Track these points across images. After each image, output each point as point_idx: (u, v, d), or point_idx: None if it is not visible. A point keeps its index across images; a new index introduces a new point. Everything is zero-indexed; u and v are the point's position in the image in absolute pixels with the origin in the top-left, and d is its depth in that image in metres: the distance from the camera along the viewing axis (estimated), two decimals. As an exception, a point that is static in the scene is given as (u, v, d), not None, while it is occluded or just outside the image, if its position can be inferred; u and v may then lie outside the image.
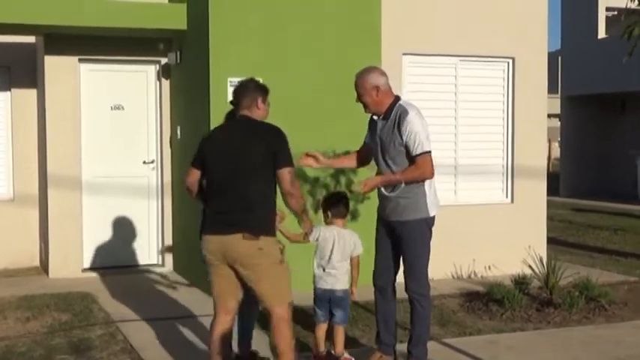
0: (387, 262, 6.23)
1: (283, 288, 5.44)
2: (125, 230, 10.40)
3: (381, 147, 6.07)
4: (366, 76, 6.04)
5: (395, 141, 5.95)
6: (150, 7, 9.64)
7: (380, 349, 6.34)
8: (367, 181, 5.97)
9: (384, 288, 6.26)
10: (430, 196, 6.07)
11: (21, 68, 10.89)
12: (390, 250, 6.21)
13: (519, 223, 10.25)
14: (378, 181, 5.97)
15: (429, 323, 6.25)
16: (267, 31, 9.00)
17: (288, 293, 5.45)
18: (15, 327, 7.63)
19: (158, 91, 10.61)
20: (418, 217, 6.02)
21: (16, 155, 10.93)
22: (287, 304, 5.44)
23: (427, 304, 6.15)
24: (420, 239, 6.08)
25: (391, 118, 6.02)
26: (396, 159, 5.99)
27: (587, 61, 23.24)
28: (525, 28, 10.27)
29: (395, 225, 6.07)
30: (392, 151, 5.99)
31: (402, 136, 5.90)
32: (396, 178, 5.93)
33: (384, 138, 6.04)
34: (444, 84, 10.05)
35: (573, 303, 8.04)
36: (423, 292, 6.11)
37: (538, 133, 10.46)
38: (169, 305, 8.43)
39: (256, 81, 5.79)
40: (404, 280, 6.13)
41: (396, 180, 5.93)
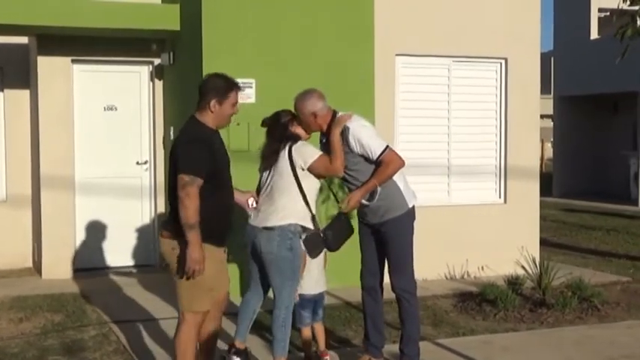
0: (373, 263, 6.25)
1: (181, 295, 5.35)
2: (118, 231, 10.39)
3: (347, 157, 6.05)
4: (304, 102, 6.04)
5: (348, 156, 5.96)
6: (143, 7, 9.63)
7: (368, 351, 6.35)
8: (350, 197, 5.98)
9: (372, 288, 6.27)
10: (404, 189, 6.11)
11: (14, 69, 10.86)
12: (374, 251, 6.23)
13: (512, 223, 10.27)
14: (359, 194, 5.95)
15: (418, 321, 6.28)
16: (260, 32, 9.00)
17: (184, 302, 5.35)
18: (8, 328, 7.62)
19: (151, 92, 10.60)
20: (399, 214, 6.05)
21: (9, 156, 10.90)
22: (184, 312, 5.38)
23: (415, 301, 6.16)
24: (404, 236, 6.11)
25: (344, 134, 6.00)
26: (359, 171, 6.02)
27: (579, 62, 23.28)
28: (518, 28, 10.29)
29: (378, 226, 6.09)
30: (351, 165, 6.01)
31: (352, 151, 5.94)
32: (373, 183, 5.93)
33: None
34: (437, 84, 10.06)
35: (566, 303, 8.06)
36: (410, 290, 6.13)
37: (531, 134, 10.48)
38: (162, 306, 8.42)
39: (219, 79, 5.49)
40: (389, 279, 6.13)
41: (373, 186, 5.94)
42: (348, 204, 5.95)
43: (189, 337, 5.38)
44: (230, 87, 5.45)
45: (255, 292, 6.20)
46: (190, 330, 5.38)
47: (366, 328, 6.36)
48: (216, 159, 5.34)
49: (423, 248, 9.69)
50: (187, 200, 5.08)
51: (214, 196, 5.26)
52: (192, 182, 5.10)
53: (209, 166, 5.21)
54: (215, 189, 5.28)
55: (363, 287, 6.32)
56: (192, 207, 5.07)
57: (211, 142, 5.34)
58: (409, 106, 9.89)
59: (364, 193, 5.95)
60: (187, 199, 5.08)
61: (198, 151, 5.20)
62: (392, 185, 6.02)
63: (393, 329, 7.43)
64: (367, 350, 6.35)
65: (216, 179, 5.29)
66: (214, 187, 5.26)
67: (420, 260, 9.62)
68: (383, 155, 5.93)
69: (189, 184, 5.09)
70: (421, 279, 9.61)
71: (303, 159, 5.87)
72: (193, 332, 5.39)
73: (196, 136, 5.32)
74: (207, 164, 5.20)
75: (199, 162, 5.17)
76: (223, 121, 5.48)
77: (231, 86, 5.46)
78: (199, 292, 5.27)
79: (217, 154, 5.37)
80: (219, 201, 5.34)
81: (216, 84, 5.44)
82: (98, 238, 10.38)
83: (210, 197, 5.21)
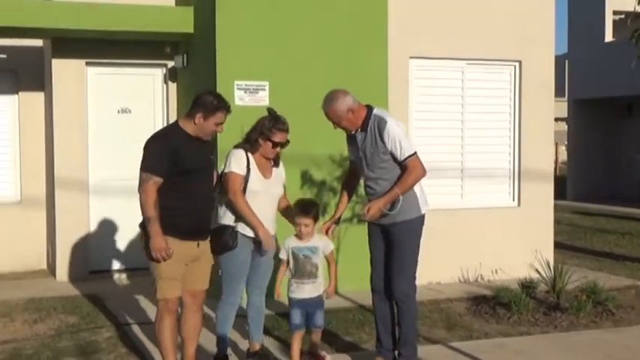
0: (383, 266, 6.25)
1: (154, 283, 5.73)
2: (132, 233, 10.38)
3: (365, 159, 6.09)
4: (336, 104, 6.01)
5: (379, 150, 5.98)
6: (157, 10, 9.66)
7: (381, 354, 6.35)
8: (370, 206, 5.95)
9: (382, 291, 6.27)
10: (420, 194, 6.13)
11: (28, 72, 10.92)
12: (383, 253, 6.24)
13: (526, 226, 10.23)
14: (381, 204, 5.94)
15: (415, 323, 6.28)
16: (273, 35, 9.01)
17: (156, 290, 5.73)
18: (22, 329, 7.65)
19: (165, 94, 10.63)
20: (413, 217, 6.06)
21: (23, 158, 10.96)
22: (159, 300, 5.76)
23: (412, 304, 6.17)
24: (412, 239, 6.11)
25: (369, 129, 6.04)
26: (383, 168, 6.02)
27: (594, 65, 23.20)
28: (532, 31, 10.26)
29: (389, 227, 6.09)
30: (377, 161, 6.02)
31: (385, 145, 5.94)
32: (396, 192, 5.93)
33: (366, 150, 6.07)
34: (450, 87, 10.04)
35: (580, 307, 8.02)
36: (409, 293, 6.14)
37: (545, 137, 10.44)
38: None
39: (212, 97, 5.77)
40: (390, 281, 6.13)
41: (396, 195, 5.93)
42: (368, 212, 5.94)
43: (161, 323, 5.75)
44: (219, 107, 5.72)
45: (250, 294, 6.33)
46: (162, 316, 5.74)
47: (378, 331, 6.36)
48: (182, 159, 5.57)
49: (437, 251, 9.72)
50: (143, 196, 5.50)
51: (179, 194, 5.59)
52: (147, 179, 5.51)
53: (168, 165, 5.52)
54: (182, 187, 5.59)
55: (373, 290, 6.32)
56: (148, 202, 5.48)
57: (177, 143, 5.61)
58: (423, 109, 9.88)
59: (386, 202, 5.94)
60: (143, 194, 5.50)
61: (159, 150, 5.56)
62: (410, 190, 6.03)
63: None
64: (380, 353, 6.35)
65: (183, 178, 5.58)
66: (180, 185, 5.58)
67: (434, 263, 9.70)
68: (410, 159, 5.94)
69: (145, 181, 5.51)
70: (435, 282, 9.68)
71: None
72: (166, 319, 5.72)
73: (160, 136, 5.71)
74: (166, 163, 5.52)
75: (157, 161, 5.54)
76: (204, 133, 5.73)
77: (221, 107, 5.73)
78: (161, 280, 5.65)
79: (185, 155, 5.60)
80: (185, 199, 5.61)
81: (207, 101, 5.74)
82: (112, 240, 10.41)
83: (172, 194, 5.56)
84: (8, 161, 10.99)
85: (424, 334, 7.37)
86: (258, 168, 6.09)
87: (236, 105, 8.76)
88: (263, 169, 6.13)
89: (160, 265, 5.63)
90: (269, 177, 6.16)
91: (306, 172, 8.68)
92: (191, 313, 5.92)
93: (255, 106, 8.41)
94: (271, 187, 6.15)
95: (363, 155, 6.09)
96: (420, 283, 9.38)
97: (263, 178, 6.10)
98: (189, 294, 5.87)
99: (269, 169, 6.19)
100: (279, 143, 6.08)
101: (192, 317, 5.93)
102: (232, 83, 8.81)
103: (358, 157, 6.17)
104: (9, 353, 6.79)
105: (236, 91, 8.83)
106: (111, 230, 10.40)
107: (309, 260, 5.93)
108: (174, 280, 5.69)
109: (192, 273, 5.82)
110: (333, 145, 8.45)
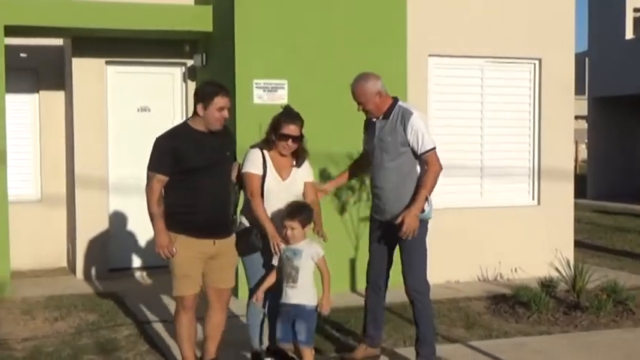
0: (381, 260, 6.31)
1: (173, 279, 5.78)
2: (151, 231, 10.38)
3: (380, 147, 6.10)
4: (366, 84, 6.09)
5: (397, 140, 6.00)
6: (176, 9, 9.69)
7: (365, 341, 6.41)
8: (407, 218, 5.89)
9: (376, 284, 6.33)
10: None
11: (49, 71, 10.98)
12: (385, 252, 6.27)
13: (546, 225, 10.19)
14: (415, 211, 5.92)
15: (432, 321, 6.29)
16: (292, 33, 9.01)
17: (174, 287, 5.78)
18: (43, 327, 7.70)
19: (184, 93, 10.66)
20: (420, 217, 6.05)
21: (43, 157, 11.02)
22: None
23: (427, 302, 6.17)
24: (420, 237, 6.10)
25: (392, 117, 6.07)
26: (396, 159, 6.04)
27: (614, 63, 23.05)
28: (552, 29, 10.20)
29: (395, 226, 6.06)
30: (392, 151, 6.04)
31: (406, 135, 5.97)
32: (423, 194, 5.95)
33: (384, 138, 6.08)
34: (470, 86, 10.02)
35: (601, 306, 7.97)
36: (423, 291, 6.14)
37: (565, 135, 10.39)
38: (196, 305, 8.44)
39: (207, 86, 5.87)
40: (403, 280, 6.15)
41: (424, 197, 5.96)
42: (406, 228, 5.88)
43: (178, 320, 5.85)
44: (215, 92, 5.72)
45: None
46: (178, 313, 5.84)
47: (366, 321, 6.42)
48: (187, 157, 5.61)
49: (456, 250, 9.71)
50: (148, 193, 5.67)
51: (189, 191, 5.65)
52: (151, 177, 5.65)
53: (171, 164, 5.60)
54: (190, 184, 5.63)
55: (367, 282, 6.38)
56: (151, 199, 5.65)
57: (180, 142, 5.65)
58: (442, 107, 9.85)
59: (419, 208, 5.95)
60: (149, 192, 5.67)
61: (161, 149, 5.66)
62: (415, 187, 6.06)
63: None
64: (363, 340, 6.42)
65: (190, 175, 5.62)
66: (188, 183, 5.62)
67: (453, 262, 9.69)
68: (429, 153, 5.98)
69: (149, 179, 5.66)
70: (453, 281, 9.66)
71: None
72: (183, 316, 5.80)
73: (164, 136, 5.76)
74: (168, 162, 5.61)
75: (159, 159, 5.66)
76: (211, 123, 5.70)
77: (216, 91, 5.73)
78: (176, 278, 5.73)
79: (190, 153, 5.62)
80: (195, 196, 5.65)
81: (202, 90, 5.80)
82: (132, 238, 10.46)
83: (181, 192, 5.65)
84: (29, 160, 11.05)
85: (443, 332, 7.36)
86: (274, 167, 6.03)
87: (255, 103, 8.79)
88: (280, 169, 6.05)
89: (175, 263, 5.68)
90: (286, 177, 6.07)
91: (325, 170, 8.67)
92: (214, 311, 5.94)
93: (274, 105, 8.36)
94: (289, 187, 6.05)
95: (378, 144, 6.10)
96: (439, 281, 9.51)
97: (279, 179, 6.04)
98: (213, 292, 5.90)
99: (287, 169, 6.09)
100: (289, 136, 5.96)
101: (216, 315, 5.95)
102: (251, 82, 8.83)
103: (372, 145, 6.18)
104: (30, 351, 6.83)
105: (255, 90, 8.84)
106: (130, 228, 10.44)
107: (290, 262, 5.72)
108: (189, 277, 5.71)
109: (214, 271, 5.83)
110: (351, 143, 8.41)
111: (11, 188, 9.53)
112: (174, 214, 5.66)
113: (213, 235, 5.75)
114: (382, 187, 6.12)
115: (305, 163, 6.17)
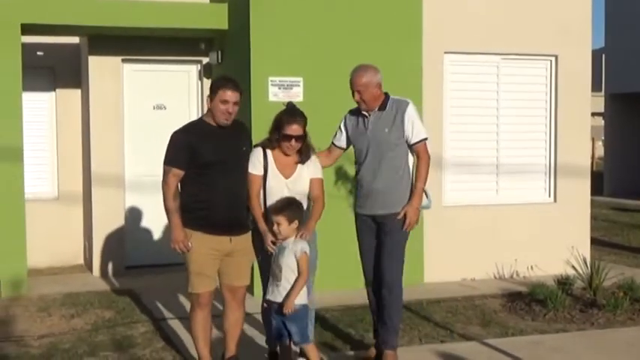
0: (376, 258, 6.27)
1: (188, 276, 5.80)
2: (167, 228, 10.43)
3: (375, 141, 6.09)
4: (369, 74, 6.11)
5: (395, 132, 6.04)
6: (191, 7, 9.71)
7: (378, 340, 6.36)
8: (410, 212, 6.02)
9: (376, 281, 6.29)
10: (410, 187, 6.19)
11: (65, 69, 11.03)
12: (374, 245, 6.25)
13: (562, 222, 10.14)
14: (416, 204, 6.06)
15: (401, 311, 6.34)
16: (307, 31, 9.02)
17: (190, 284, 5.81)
18: (60, 324, 7.74)
19: (200, 91, 10.68)
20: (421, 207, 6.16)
21: (60, 154, 11.08)
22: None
23: (400, 292, 6.16)
24: (406, 235, 6.15)
25: (387, 110, 6.11)
26: (391, 152, 6.06)
27: (631, 59, 22.88)
28: (569, 25, 10.15)
29: (381, 218, 6.10)
30: (389, 144, 6.06)
31: (403, 125, 6.04)
32: (420, 187, 6.07)
33: (380, 130, 6.09)
34: (485, 82, 9.97)
35: (617, 304, 7.93)
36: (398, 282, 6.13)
37: (581, 132, 10.34)
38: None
39: (216, 80, 5.91)
40: (380, 273, 6.13)
41: (421, 190, 6.07)
42: (408, 222, 6.01)
43: (193, 317, 5.88)
44: (220, 85, 5.75)
45: None
46: (194, 311, 5.87)
47: (374, 320, 6.40)
48: (200, 152, 5.63)
49: (472, 247, 9.69)
50: (164, 188, 5.69)
51: (203, 187, 5.67)
52: (167, 172, 5.68)
53: (186, 158, 5.63)
54: (205, 179, 5.65)
55: (367, 283, 6.35)
56: (167, 194, 5.67)
57: (195, 137, 5.68)
58: (458, 104, 9.82)
59: (419, 202, 6.06)
60: (165, 187, 5.69)
61: (176, 144, 5.69)
62: (408, 180, 6.12)
63: (440, 328, 7.40)
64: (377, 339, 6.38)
65: (204, 170, 5.64)
66: (203, 178, 5.63)
67: (468, 259, 9.67)
68: (421, 143, 6.08)
69: (165, 173, 5.69)
70: (469, 278, 9.64)
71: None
72: (198, 313, 5.83)
73: (179, 130, 5.80)
74: (183, 156, 5.64)
75: (174, 154, 5.69)
76: (217, 116, 5.72)
77: (222, 84, 5.76)
78: (191, 275, 5.75)
79: (204, 148, 5.65)
80: (209, 192, 5.67)
81: (212, 83, 5.89)
82: (148, 236, 10.50)
83: (196, 187, 5.68)
84: (46, 158, 11.11)
85: (459, 330, 7.35)
86: (277, 165, 5.93)
87: (270, 101, 8.80)
88: (282, 167, 5.94)
89: (191, 260, 5.70)
90: (288, 176, 5.94)
91: (340, 168, 8.68)
92: (231, 309, 5.95)
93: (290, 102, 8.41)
94: (293, 185, 5.94)
95: (372, 137, 6.09)
96: (454, 279, 9.51)
97: (281, 177, 5.92)
98: (228, 290, 5.91)
99: (290, 167, 5.96)
100: (292, 136, 5.86)
101: (232, 313, 5.95)
102: (266, 79, 8.84)
103: (363, 140, 6.15)
104: (46, 347, 6.87)
105: (270, 87, 8.85)
106: (146, 226, 10.48)
107: (275, 260, 5.66)
108: (204, 275, 5.74)
109: (229, 268, 5.84)
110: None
111: (28, 186, 9.58)
112: (190, 211, 5.69)
113: (228, 231, 5.75)
114: (375, 181, 6.10)
115: (312, 160, 6.04)
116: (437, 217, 9.48)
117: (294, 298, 5.55)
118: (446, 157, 9.65)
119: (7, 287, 9.01)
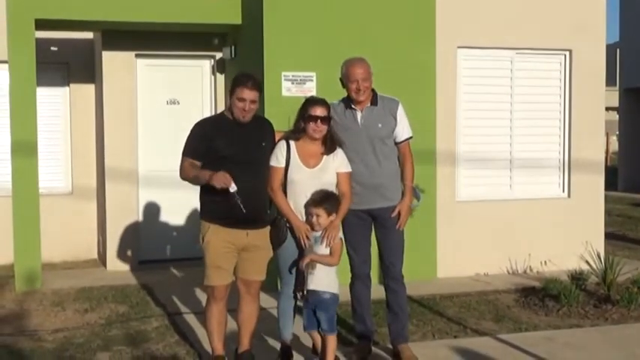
0: (367, 251, 6.29)
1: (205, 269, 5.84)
2: (181, 223, 10.50)
3: (367, 135, 6.09)
4: (367, 65, 6.20)
5: (386, 128, 6.11)
6: (205, 1, 9.70)
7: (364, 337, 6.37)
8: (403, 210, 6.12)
9: (367, 276, 6.32)
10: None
11: (79, 64, 11.08)
12: (367, 240, 6.26)
13: (576, 217, 10.10)
14: (408, 202, 6.15)
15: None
16: (321, 26, 9.01)
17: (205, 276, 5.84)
18: (73, 318, 7.77)
19: (213, 86, 10.70)
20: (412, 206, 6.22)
21: (74, 149, 11.13)
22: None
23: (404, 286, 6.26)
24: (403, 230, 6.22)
25: (379, 105, 6.16)
26: (382, 147, 6.11)
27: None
28: (583, 19, 10.10)
29: (377, 212, 6.12)
30: (381, 139, 6.10)
31: (395, 122, 6.13)
32: (409, 186, 6.17)
33: (372, 126, 6.10)
34: (499, 77, 9.93)
35: (632, 299, 7.90)
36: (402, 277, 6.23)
37: (596, 127, 10.29)
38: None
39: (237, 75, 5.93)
40: (386, 266, 6.19)
41: (411, 188, 6.18)
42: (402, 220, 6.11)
43: (208, 310, 5.93)
44: (237, 83, 5.78)
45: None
46: (209, 304, 5.91)
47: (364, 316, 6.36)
48: (217, 146, 5.68)
49: (485, 242, 9.67)
50: (182, 172, 5.78)
51: None
52: (183, 161, 5.77)
53: (203, 151, 5.70)
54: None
55: (358, 277, 6.30)
56: (187, 173, 5.74)
57: (213, 130, 5.77)
58: (471, 99, 9.79)
59: (411, 200, 6.15)
60: (181, 171, 5.77)
61: (196, 135, 5.78)
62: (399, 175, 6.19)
63: (453, 324, 7.40)
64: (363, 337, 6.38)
65: (221, 163, 5.61)
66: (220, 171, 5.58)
67: (482, 254, 9.65)
68: (407, 141, 6.21)
69: (182, 161, 5.79)
70: (482, 273, 9.62)
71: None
72: (213, 306, 5.86)
73: (199, 123, 5.93)
74: (200, 148, 5.71)
75: (192, 145, 5.77)
76: (235, 113, 5.76)
77: (240, 82, 5.78)
78: (207, 268, 5.79)
79: (222, 142, 5.69)
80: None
81: (233, 79, 5.91)
82: (162, 231, 10.53)
83: None
84: (60, 152, 11.17)
85: (472, 325, 7.34)
86: (299, 156, 5.90)
87: (283, 96, 8.80)
88: (306, 157, 5.91)
89: (207, 253, 5.73)
90: (313, 166, 5.91)
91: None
92: (245, 303, 5.96)
93: (303, 97, 8.39)
94: (317, 175, 5.90)
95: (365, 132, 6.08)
96: (468, 274, 9.49)
97: (305, 168, 5.88)
98: (243, 283, 5.92)
99: (315, 157, 5.93)
100: (318, 117, 5.85)
101: (247, 306, 5.96)
102: (280, 74, 8.83)
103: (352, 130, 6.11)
104: (60, 342, 6.90)
105: (283, 82, 8.85)
106: (160, 220, 10.51)
107: (310, 249, 5.75)
108: (220, 268, 5.75)
109: (245, 262, 5.85)
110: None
111: (42, 181, 9.61)
112: (207, 203, 5.76)
113: (245, 225, 5.74)
114: (375, 175, 6.09)
115: (339, 153, 5.99)
116: (450, 212, 9.47)
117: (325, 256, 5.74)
118: (459, 152, 9.63)
119: (22, 281, 9.06)
